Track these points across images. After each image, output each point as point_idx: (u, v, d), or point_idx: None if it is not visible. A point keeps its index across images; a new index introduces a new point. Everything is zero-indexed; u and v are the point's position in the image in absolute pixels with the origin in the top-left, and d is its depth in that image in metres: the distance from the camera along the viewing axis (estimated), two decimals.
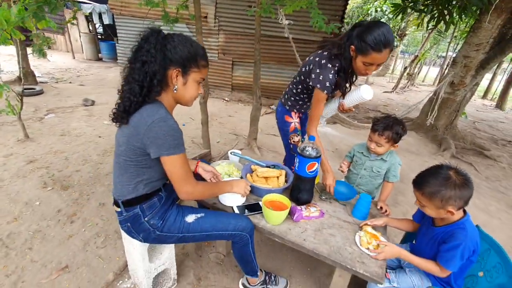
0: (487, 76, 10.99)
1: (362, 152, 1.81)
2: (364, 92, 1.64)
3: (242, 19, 5.58)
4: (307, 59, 1.69)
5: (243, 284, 1.61)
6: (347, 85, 1.67)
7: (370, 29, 1.35)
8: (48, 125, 3.63)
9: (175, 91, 1.11)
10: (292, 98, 1.87)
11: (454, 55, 5.69)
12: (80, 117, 4.03)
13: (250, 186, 1.59)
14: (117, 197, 1.18)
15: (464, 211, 1.22)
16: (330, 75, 1.52)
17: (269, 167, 1.77)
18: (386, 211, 1.65)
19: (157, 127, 1.01)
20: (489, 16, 3.68)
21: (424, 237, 1.35)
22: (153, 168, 1.14)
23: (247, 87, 6.28)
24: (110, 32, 10.36)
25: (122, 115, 1.08)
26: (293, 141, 1.98)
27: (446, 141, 4.50)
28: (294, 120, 1.94)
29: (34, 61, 7.79)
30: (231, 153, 1.90)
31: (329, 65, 1.52)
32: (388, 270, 1.40)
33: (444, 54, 11.16)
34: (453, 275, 1.26)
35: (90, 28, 10.59)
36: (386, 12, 9.37)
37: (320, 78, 1.53)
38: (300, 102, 1.87)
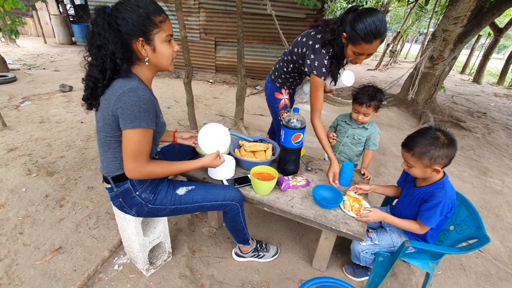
0: (465, 51, 11.29)
1: (345, 121, 1.90)
2: (345, 79, 1.68)
3: None
4: (299, 38, 1.64)
5: (235, 253, 1.69)
6: (340, 71, 1.67)
7: (362, 17, 1.31)
8: (25, 113, 3.48)
9: (147, 63, 1.07)
10: (283, 76, 1.86)
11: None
12: (58, 104, 3.88)
13: (238, 159, 1.64)
14: (105, 174, 1.19)
15: (444, 172, 1.32)
16: (325, 61, 1.51)
17: (256, 141, 1.82)
18: (368, 176, 1.76)
19: (126, 96, 0.98)
20: None
21: (406, 198, 1.45)
22: None
23: (231, 68, 6.18)
24: (82, 14, 9.76)
25: (89, 102, 1.07)
26: (283, 118, 1.99)
27: (425, 115, 4.67)
28: (284, 97, 1.95)
29: (3, 48, 7.31)
30: None
31: (323, 51, 1.50)
32: (370, 230, 1.51)
33: (425, 31, 11.30)
34: (429, 231, 1.38)
35: (61, 9, 9.93)
36: None
37: (316, 64, 1.51)
38: (291, 80, 1.87)
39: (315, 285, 1.19)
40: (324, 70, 1.52)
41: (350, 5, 9.40)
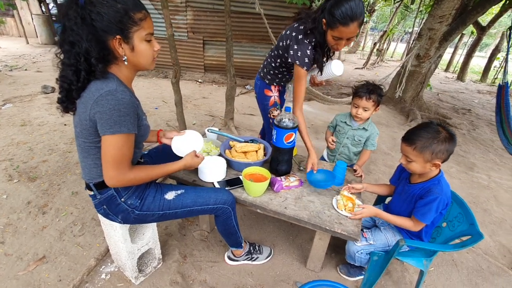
0: (449, 50, 11.57)
1: (345, 122, 1.88)
2: (334, 68, 1.66)
3: None
4: (283, 32, 1.66)
5: (228, 257, 1.65)
6: (324, 59, 1.67)
7: (339, 2, 1.33)
8: (6, 116, 3.32)
9: (125, 62, 0.99)
10: (272, 72, 1.85)
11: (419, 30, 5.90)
12: (40, 106, 3.73)
13: (229, 161, 1.60)
14: (87, 181, 1.12)
15: (439, 169, 1.31)
16: (308, 51, 1.51)
17: (247, 142, 1.78)
18: (359, 173, 1.76)
19: (104, 100, 0.91)
20: None
21: (400, 195, 1.45)
22: None
23: (220, 67, 6.12)
24: None
25: (64, 105, 0.99)
26: (273, 115, 1.98)
27: (413, 112, 4.75)
28: (273, 94, 1.93)
29: None
30: (208, 130, 1.87)
31: (306, 41, 1.51)
32: (364, 230, 1.50)
33: (411, 30, 11.53)
34: (424, 228, 1.37)
35: (43, 9, 9.59)
36: None
37: (299, 54, 1.52)
38: (279, 76, 1.86)
39: None
40: (306, 60, 1.52)
41: None
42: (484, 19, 9.09)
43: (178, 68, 2.69)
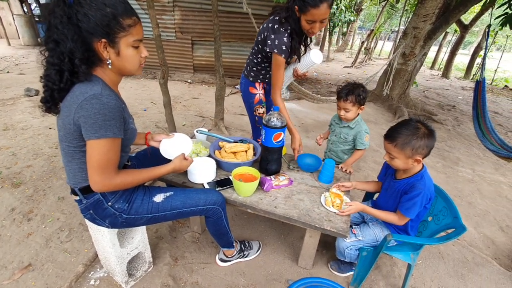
0: (434, 48, 11.84)
1: (335, 120, 1.94)
2: (313, 56, 1.67)
3: None
4: (261, 27, 1.70)
5: (220, 259, 1.64)
6: (302, 47, 1.71)
7: None
8: None
9: (109, 66, 0.97)
10: (254, 69, 1.87)
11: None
12: (24, 109, 3.62)
13: (219, 161, 1.59)
14: (72, 185, 1.09)
15: (422, 164, 1.35)
16: (285, 39, 1.55)
17: (236, 142, 1.77)
18: (347, 170, 1.79)
19: (89, 104, 0.89)
20: None
21: (387, 191, 1.48)
22: None
23: (210, 67, 6.08)
24: None
25: (48, 105, 0.96)
26: (258, 113, 1.99)
27: (400, 109, 4.84)
28: (258, 92, 1.95)
29: None
30: (197, 131, 1.86)
31: (282, 29, 1.55)
32: (353, 226, 1.52)
33: (397, 29, 11.75)
34: (410, 223, 1.41)
35: (25, 9, 9.31)
36: None
37: (276, 43, 1.56)
38: (263, 72, 1.88)
39: (301, 286, 1.17)
40: (284, 48, 1.56)
41: None
42: (467, 18, 9.36)
43: (166, 69, 2.66)
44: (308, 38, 1.74)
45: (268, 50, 1.61)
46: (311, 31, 1.54)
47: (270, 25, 1.59)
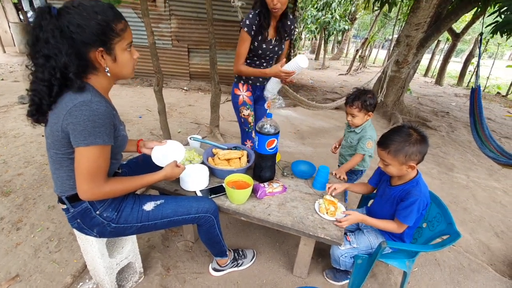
0: (427, 56, 12.06)
1: (347, 125, 1.96)
2: (300, 61, 1.70)
3: (194, 2, 5.35)
4: None
5: (214, 269, 1.60)
6: (266, 24, 1.78)
7: None
8: None
9: (108, 74, 0.97)
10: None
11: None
12: (17, 116, 3.58)
13: (212, 169, 1.58)
14: (60, 194, 1.07)
15: (417, 170, 1.34)
16: (250, 15, 1.72)
17: (230, 149, 1.76)
18: (340, 177, 1.77)
19: (78, 111, 0.87)
20: None
21: (382, 198, 1.47)
22: None
23: (206, 75, 6.11)
24: None
25: (35, 118, 0.94)
26: (243, 115, 2.03)
27: (395, 116, 4.88)
28: (242, 93, 1.99)
29: None
30: (190, 138, 1.85)
31: (251, 11, 1.73)
32: (348, 233, 1.51)
33: (390, 37, 11.96)
34: (406, 230, 1.39)
35: (21, 17, 9.34)
36: None
37: (244, 20, 1.74)
38: None
39: None
40: (247, 23, 1.71)
41: (320, 13, 9.64)
42: (458, 26, 9.56)
43: (160, 76, 2.66)
44: (282, 28, 1.84)
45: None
46: (272, 5, 1.64)
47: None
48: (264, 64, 1.94)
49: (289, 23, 1.86)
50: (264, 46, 1.83)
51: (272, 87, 1.84)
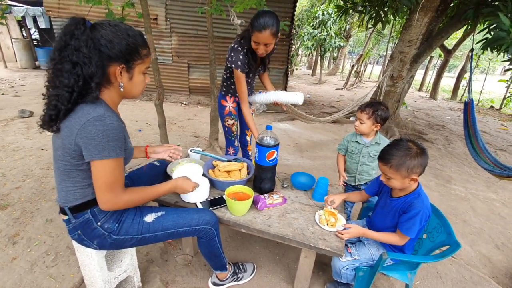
0: (421, 71, 12.36)
1: (356, 141, 1.86)
2: (299, 98, 1.89)
3: (194, 20, 5.52)
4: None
5: (213, 283, 1.58)
6: (261, 67, 2.00)
7: (257, 15, 1.65)
8: None
9: (121, 89, 1.03)
10: (225, 83, 2.09)
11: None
12: (16, 130, 3.60)
13: (213, 180, 1.59)
14: (62, 204, 1.07)
15: (418, 182, 1.35)
16: (240, 56, 1.79)
17: (230, 161, 1.78)
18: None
19: (92, 126, 0.91)
20: (417, 15, 4.16)
21: (383, 209, 1.47)
22: None
23: (205, 89, 6.21)
24: (47, 37, 9.45)
25: (49, 123, 0.97)
26: (227, 124, 2.16)
27: (391, 129, 4.95)
28: (229, 104, 2.13)
29: None
30: (191, 150, 1.87)
31: (239, 48, 1.80)
32: (349, 245, 1.50)
33: (384, 53, 12.30)
34: (407, 241, 1.39)
35: (24, 33, 9.54)
36: (332, 15, 10.02)
37: (234, 59, 1.80)
38: (232, 86, 2.06)
39: None
40: (240, 64, 1.80)
41: (316, 31, 9.92)
42: (450, 43, 9.89)
43: (161, 91, 2.71)
44: (268, 59, 1.99)
45: (229, 66, 1.86)
46: (258, 51, 1.75)
47: (232, 45, 1.84)
48: (248, 81, 2.04)
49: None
50: (251, 75, 2.04)
51: (261, 101, 2.03)
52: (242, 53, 1.79)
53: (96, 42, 0.92)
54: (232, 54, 1.80)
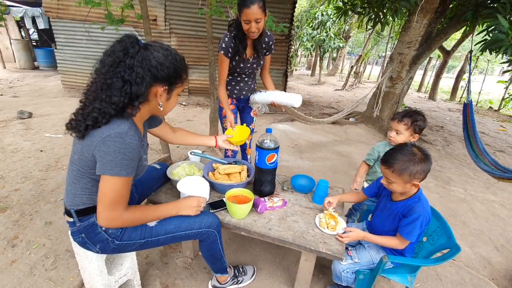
0: (420, 72, 12.40)
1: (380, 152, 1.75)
2: (296, 101, 1.84)
3: (193, 21, 5.52)
4: None
5: (213, 286, 1.57)
6: (243, 49, 1.89)
7: None
8: None
9: (161, 108, 1.06)
10: None
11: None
12: (15, 131, 3.59)
13: (213, 183, 1.59)
14: (69, 206, 1.07)
15: (418, 186, 1.35)
16: (226, 38, 1.81)
17: (230, 163, 1.78)
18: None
19: (111, 141, 0.92)
20: (416, 16, 4.17)
21: (383, 212, 1.47)
22: None
23: (204, 90, 6.20)
24: (46, 38, 9.43)
25: (80, 131, 0.96)
26: (225, 125, 2.13)
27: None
28: None
29: None
30: (191, 153, 1.86)
31: (227, 33, 1.83)
32: (349, 248, 1.50)
33: (384, 54, 12.33)
34: (408, 245, 1.39)
35: (23, 34, 9.52)
36: (331, 16, 10.03)
37: (219, 43, 1.83)
38: (228, 87, 2.07)
39: None
40: (223, 46, 1.82)
41: (315, 32, 9.91)
42: (449, 44, 9.91)
43: None
44: (260, 46, 1.92)
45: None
46: (249, 31, 1.72)
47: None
48: (246, 79, 2.06)
49: (267, 39, 1.93)
50: (242, 65, 1.96)
51: (260, 100, 2.00)
52: (228, 37, 1.81)
53: (148, 63, 0.94)
54: (221, 40, 1.84)
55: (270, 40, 1.97)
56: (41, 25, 8.17)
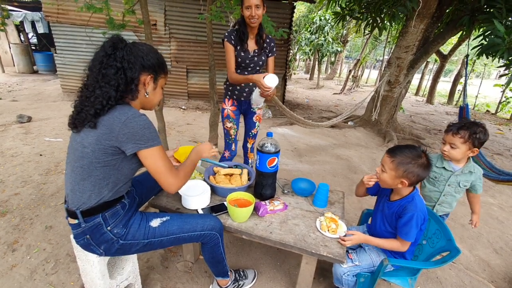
0: (417, 76, 12.51)
1: (443, 167, 1.60)
2: (267, 81, 1.77)
3: (193, 26, 5.56)
4: None
5: None
6: (244, 37, 1.98)
7: None
8: None
9: (147, 96, 1.14)
10: (224, 86, 2.20)
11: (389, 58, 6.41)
12: (15, 136, 3.58)
13: (214, 187, 1.60)
14: (74, 207, 1.08)
15: (414, 186, 1.38)
16: (229, 30, 1.97)
17: (231, 167, 1.79)
18: (476, 223, 1.71)
19: (133, 122, 1.01)
20: (414, 22, 4.23)
21: (382, 212, 1.48)
22: (121, 170, 1.09)
23: (203, 94, 6.22)
24: (46, 42, 9.46)
25: (91, 119, 1.01)
26: (226, 126, 2.22)
27: (389, 134, 4.99)
28: (227, 107, 2.19)
29: None
30: None
31: (232, 28, 1.98)
32: (350, 251, 1.51)
33: (381, 58, 12.44)
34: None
35: (22, 38, 9.54)
36: (329, 21, 10.13)
37: (223, 38, 1.98)
38: (230, 88, 2.14)
39: None
40: (227, 34, 1.96)
41: (313, 36, 10.00)
42: (445, 49, 10.02)
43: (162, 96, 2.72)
44: (260, 37, 2.02)
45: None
46: (250, 17, 1.83)
47: None
48: (245, 73, 2.10)
49: (268, 40, 2.06)
50: (243, 54, 2.02)
51: (255, 98, 2.00)
52: (231, 28, 1.99)
53: (136, 53, 1.07)
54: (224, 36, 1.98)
55: (272, 42, 2.07)
56: (41, 29, 8.21)
